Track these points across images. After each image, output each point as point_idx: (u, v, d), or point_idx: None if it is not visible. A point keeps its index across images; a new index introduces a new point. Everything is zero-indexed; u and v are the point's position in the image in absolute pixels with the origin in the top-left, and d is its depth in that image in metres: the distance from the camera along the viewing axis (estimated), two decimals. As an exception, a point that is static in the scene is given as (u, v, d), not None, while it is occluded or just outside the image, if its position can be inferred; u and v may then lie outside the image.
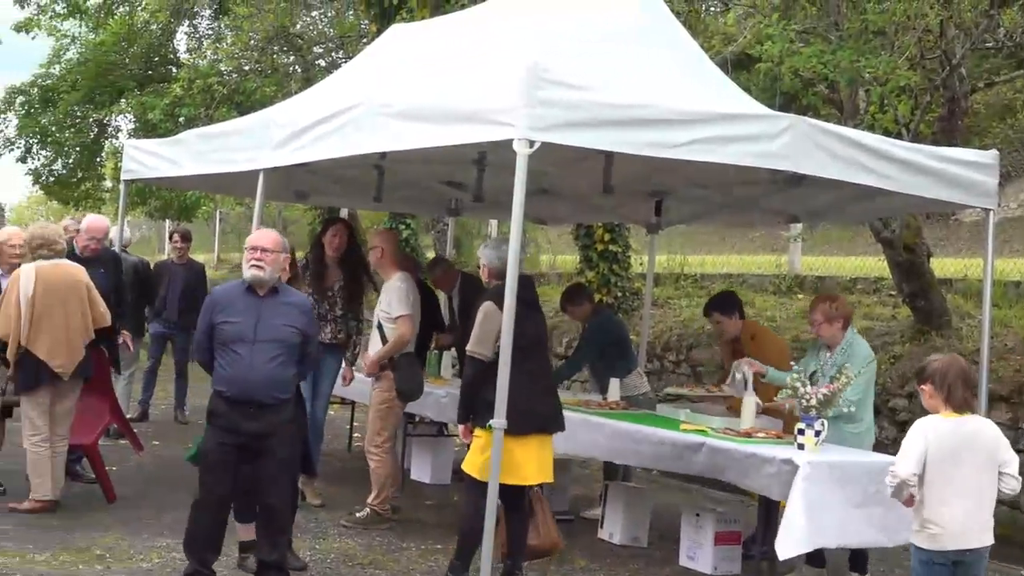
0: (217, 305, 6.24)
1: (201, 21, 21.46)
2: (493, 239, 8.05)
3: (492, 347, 6.45)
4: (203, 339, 6.28)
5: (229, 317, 6.14)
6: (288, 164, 7.84)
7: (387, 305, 8.40)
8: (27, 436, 8.06)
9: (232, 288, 6.42)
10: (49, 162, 22.17)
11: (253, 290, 6.18)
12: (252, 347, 6.06)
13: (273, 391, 6.13)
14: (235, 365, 6.07)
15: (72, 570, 6.71)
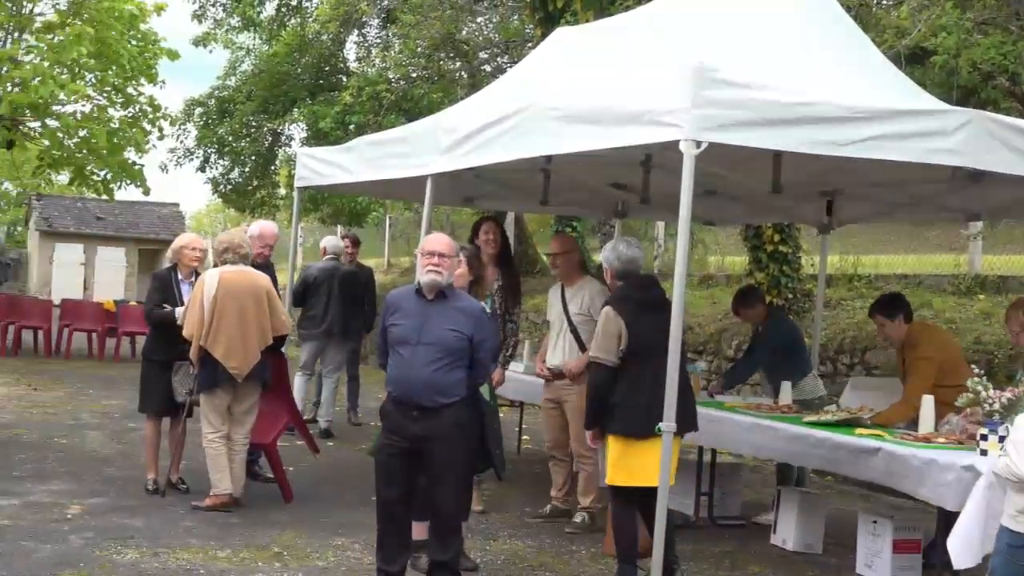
0: (390, 308, 6.30)
1: (369, 30, 21.84)
2: (611, 241, 7.83)
3: (616, 351, 6.52)
4: (380, 341, 6.39)
5: (397, 319, 6.20)
6: (455, 169, 7.90)
7: (583, 307, 8.37)
8: (205, 434, 8.31)
9: (405, 291, 6.46)
10: (226, 171, 22.84)
11: (422, 294, 6.21)
12: (414, 349, 6.09)
13: (433, 394, 6.11)
14: (399, 366, 6.14)
15: (251, 566, 6.87)
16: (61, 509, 8.07)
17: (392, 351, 6.20)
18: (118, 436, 11.28)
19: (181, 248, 8.91)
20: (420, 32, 18.43)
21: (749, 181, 8.35)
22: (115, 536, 7.38)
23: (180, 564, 6.83)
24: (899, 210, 9.45)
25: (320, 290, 12.57)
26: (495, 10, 18.66)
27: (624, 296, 6.73)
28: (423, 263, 6.15)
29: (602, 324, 6.65)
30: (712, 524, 8.89)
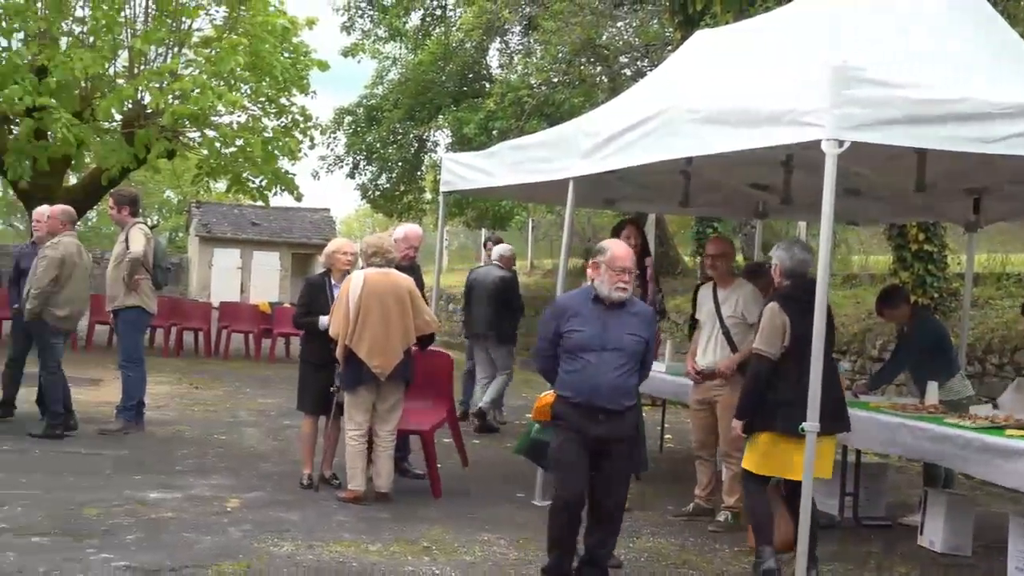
0: (565, 313, 6.25)
1: (512, 37, 21.95)
2: (786, 240, 7.79)
3: (779, 346, 6.61)
4: (547, 346, 6.33)
5: (576, 326, 6.14)
6: (597, 172, 7.89)
7: (736, 310, 8.29)
8: (348, 431, 8.47)
9: (579, 297, 6.37)
10: (374, 177, 23.16)
11: (600, 300, 6.19)
12: (600, 355, 6.09)
13: (620, 398, 6.19)
14: (584, 372, 6.10)
15: (401, 560, 6.94)
16: (221, 503, 8.27)
17: (571, 357, 6.16)
18: (274, 433, 11.52)
19: (333, 253, 9.07)
20: (561, 38, 18.45)
21: (893, 180, 8.18)
22: (272, 529, 7.55)
23: (333, 557, 6.95)
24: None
25: (472, 294, 12.79)
26: (635, 14, 18.57)
27: (790, 295, 6.75)
28: (613, 279, 6.11)
29: (767, 319, 6.70)
30: (857, 524, 8.72)
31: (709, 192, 9.96)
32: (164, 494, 8.43)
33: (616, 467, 6.27)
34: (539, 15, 19.16)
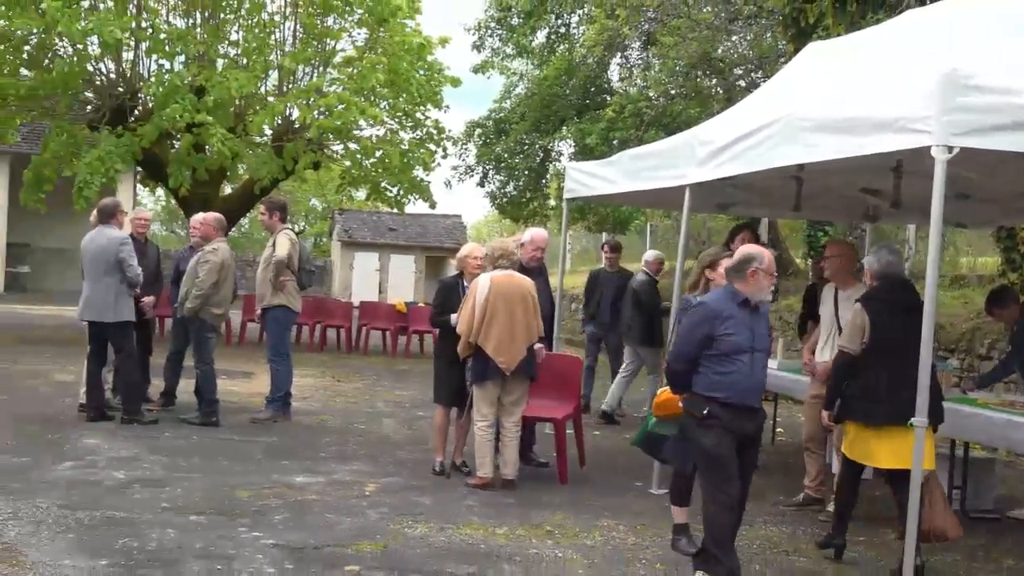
0: (717, 317, 6.05)
1: (631, 52, 21.84)
2: (877, 245, 7.72)
3: (859, 343, 6.67)
4: (694, 349, 6.08)
5: (730, 328, 6.00)
6: (712, 179, 7.81)
7: None
8: (476, 422, 8.53)
9: (724, 300, 6.18)
10: (502, 185, 23.27)
11: (747, 303, 6.09)
12: (752, 356, 6.03)
13: (761, 396, 6.32)
14: (740, 373, 6.00)
15: (526, 543, 6.95)
16: (360, 487, 8.38)
17: (725, 359, 5.99)
18: (408, 423, 11.62)
19: (465, 257, 9.14)
20: (678, 52, 18.32)
21: (1002, 183, 7.93)
22: (406, 512, 7.62)
23: (463, 539, 6.99)
24: None
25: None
26: (749, 28, 18.33)
27: (874, 296, 6.75)
28: (768, 282, 6.11)
29: (851, 318, 6.80)
30: (965, 516, 8.46)
31: (821, 197, 9.76)
32: (309, 478, 8.58)
33: (752, 461, 6.27)
34: (657, 31, 19.03)
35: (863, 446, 6.74)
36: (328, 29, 20.15)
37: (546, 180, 23.36)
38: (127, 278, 10.26)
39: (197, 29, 19.34)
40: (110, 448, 9.25)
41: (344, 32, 20.57)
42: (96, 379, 10.63)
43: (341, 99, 19.13)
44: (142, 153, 18.92)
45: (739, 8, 17.68)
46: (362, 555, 6.49)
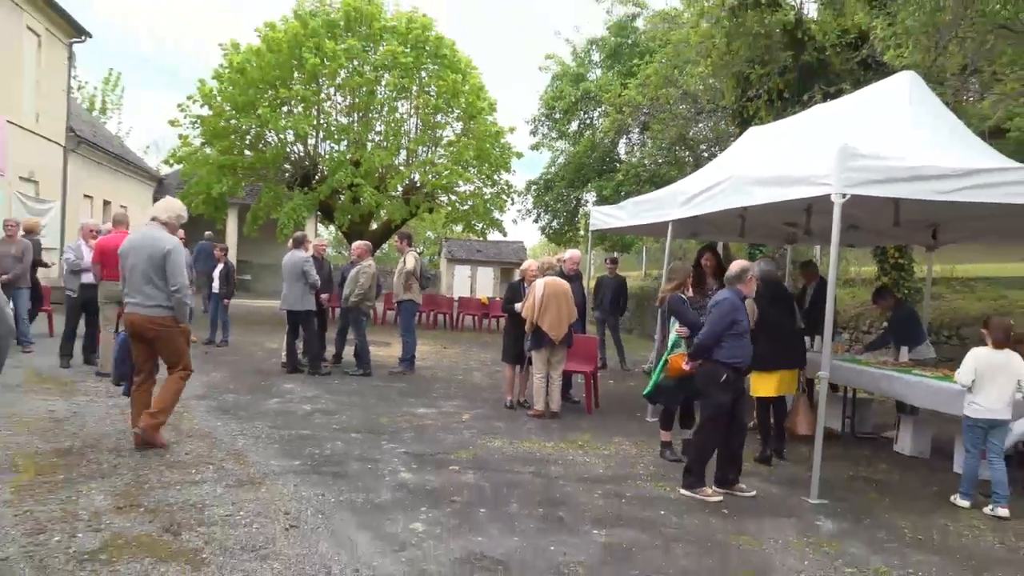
0: (734, 308, 5.87)
1: (633, 135, 21.67)
2: (760, 258, 8.20)
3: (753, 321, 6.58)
4: (723, 330, 5.83)
5: (741, 317, 5.89)
6: (687, 216, 7.74)
7: None
8: (533, 373, 8.58)
9: (736, 299, 5.96)
10: (549, 222, 23.21)
11: (744, 299, 6.03)
12: (747, 335, 5.97)
13: None
14: (744, 347, 5.89)
15: (565, 452, 6.95)
16: (459, 416, 8.42)
17: (739, 337, 5.88)
18: (490, 375, 11.64)
19: (525, 269, 9.17)
20: (663, 135, 18.14)
21: (878, 218, 7.76)
22: (488, 432, 7.64)
23: (524, 449, 6.99)
24: (990, 234, 8.47)
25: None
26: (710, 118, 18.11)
27: (760, 293, 6.74)
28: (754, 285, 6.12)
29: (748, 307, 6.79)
30: (854, 437, 8.31)
31: (758, 227, 9.66)
32: (426, 410, 8.63)
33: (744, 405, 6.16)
34: (650, 121, 18.86)
35: (762, 385, 6.97)
36: (437, 123, 20.26)
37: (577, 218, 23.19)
38: (309, 283, 10.42)
39: (355, 124, 19.54)
40: (300, 390, 9.39)
41: (447, 124, 20.67)
42: (291, 347, 10.80)
43: (446, 167, 19.26)
44: (320, 204, 19.21)
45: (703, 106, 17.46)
46: (460, 459, 6.52)
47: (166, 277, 6.08)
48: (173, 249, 6.11)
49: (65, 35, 20.73)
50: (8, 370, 9.62)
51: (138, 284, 6.12)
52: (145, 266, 6.09)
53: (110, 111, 38.21)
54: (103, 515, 4.68)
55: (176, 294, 6.10)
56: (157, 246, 6.11)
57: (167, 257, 6.08)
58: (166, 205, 6.40)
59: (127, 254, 6.22)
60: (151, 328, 6.15)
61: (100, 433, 6.66)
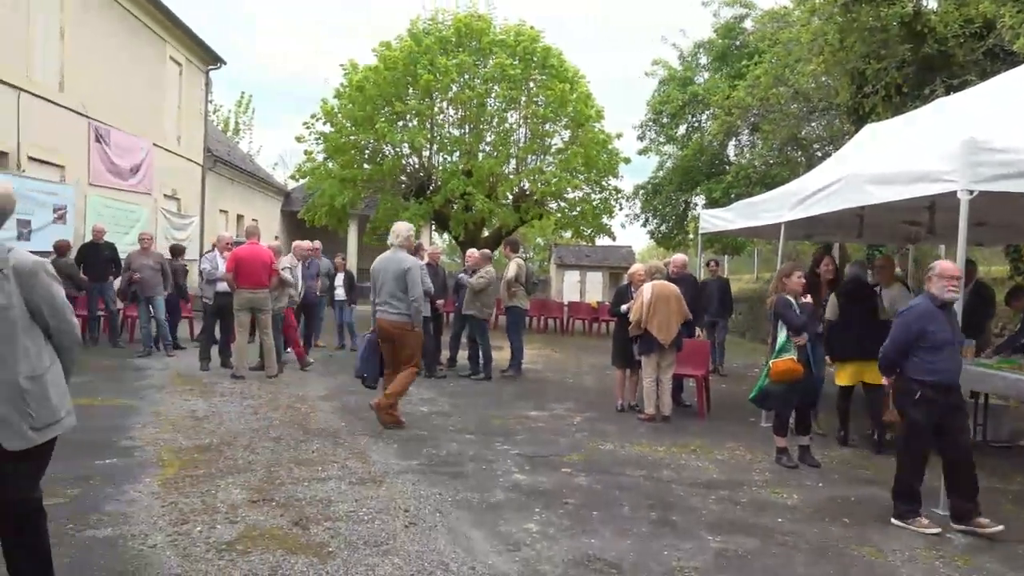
0: (923, 317, 5.14)
1: (742, 136, 21.06)
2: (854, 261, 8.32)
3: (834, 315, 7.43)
4: (904, 340, 5.19)
5: (937, 328, 5.12)
6: (800, 217, 7.46)
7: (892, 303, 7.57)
8: (644, 377, 8.42)
9: (926, 306, 5.19)
10: (658, 226, 22.85)
11: (945, 306, 5.19)
12: (952, 348, 5.17)
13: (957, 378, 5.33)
14: (944, 362, 5.10)
15: (677, 456, 6.81)
16: (570, 418, 8.39)
17: (935, 351, 5.11)
18: (600, 378, 11.55)
19: (632, 273, 9.08)
20: (774, 135, 17.55)
21: (1008, 214, 7.23)
22: (599, 435, 7.58)
23: (636, 452, 6.89)
24: None
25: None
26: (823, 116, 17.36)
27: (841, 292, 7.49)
28: (947, 284, 5.12)
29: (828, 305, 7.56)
30: (987, 445, 7.75)
31: (877, 227, 9.18)
32: (538, 412, 8.65)
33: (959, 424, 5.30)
34: (760, 122, 18.28)
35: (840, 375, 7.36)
36: (546, 131, 20.34)
37: (686, 222, 22.73)
38: (424, 288, 10.63)
39: (466, 135, 19.88)
40: (417, 392, 9.58)
41: (555, 133, 20.71)
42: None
43: (555, 175, 19.30)
44: (434, 213, 19.62)
45: (815, 104, 16.76)
46: (572, 461, 6.49)
47: (407, 290, 7.18)
48: (411, 267, 7.27)
49: (202, 63, 22.06)
50: (155, 372, 10.29)
51: (386, 296, 7.31)
52: (391, 281, 7.26)
53: (242, 131, 40.43)
54: (239, 508, 4.92)
55: (413, 303, 7.22)
56: (400, 265, 7.28)
57: (407, 274, 7.22)
58: (396, 230, 7.56)
59: (378, 272, 7.42)
60: (395, 331, 7.32)
61: (236, 431, 7.02)
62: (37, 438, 3.07)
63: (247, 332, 10.16)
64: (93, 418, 7.20)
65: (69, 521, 4.57)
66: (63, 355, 3.23)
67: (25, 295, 3.03)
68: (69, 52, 14.90)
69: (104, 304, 12.70)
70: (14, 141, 13.24)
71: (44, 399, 3.08)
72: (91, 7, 15.70)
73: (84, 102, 15.41)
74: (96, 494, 5.10)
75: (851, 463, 6.81)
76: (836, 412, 7.64)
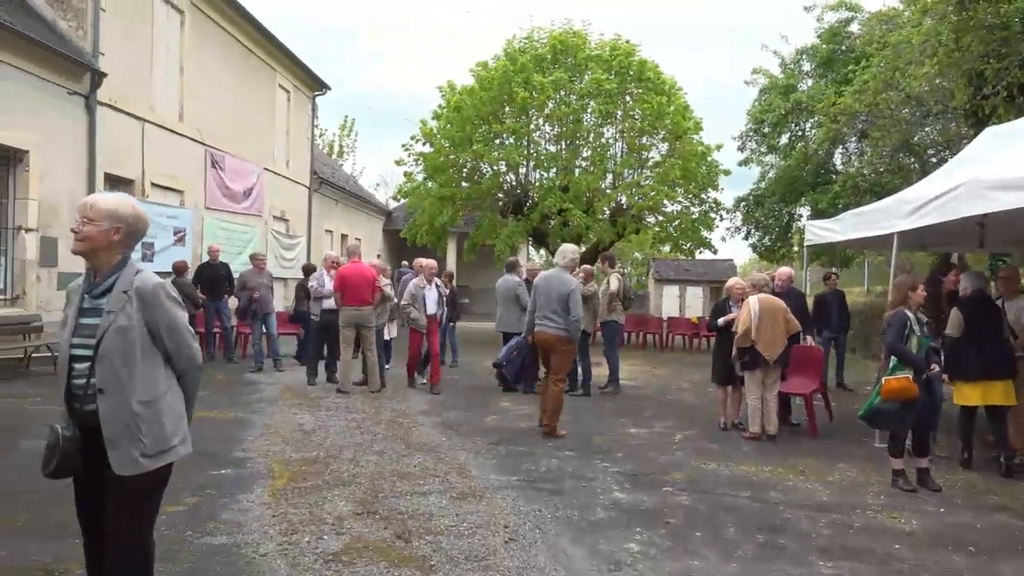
0: None
1: (850, 144, 20.28)
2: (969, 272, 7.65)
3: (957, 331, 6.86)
4: None
5: None
6: (914, 227, 7.10)
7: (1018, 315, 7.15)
8: (748, 394, 8.17)
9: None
10: (760, 238, 22.26)
11: None
12: None
13: None
14: None
15: (784, 478, 6.56)
16: (671, 436, 8.23)
17: None
18: (701, 396, 11.29)
19: (731, 287, 8.85)
20: (885, 141, 16.81)
21: None
22: (702, 453, 7.40)
23: (740, 473, 6.69)
24: None
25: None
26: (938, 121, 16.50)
27: (966, 306, 6.95)
28: None
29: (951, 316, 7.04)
30: None
31: (1001, 235, 8.65)
32: (638, 429, 8.53)
33: None
34: (869, 129, 17.55)
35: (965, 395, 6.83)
36: (643, 145, 20.19)
37: (790, 234, 22.02)
38: (522, 305, 10.69)
39: (562, 151, 19.95)
40: (516, 408, 9.62)
41: (653, 146, 20.55)
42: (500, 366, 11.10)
43: (652, 188, 19.11)
44: (532, 229, 19.74)
45: (929, 108, 15.95)
46: (674, 480, 6.36)
47: (568, 309, 7.75)
48: (574, 289, 7.85)
49: (309, 89, 23.03)
50: (266, 386, 10.73)
51: (547, 311, 7.87)
52: (553, 299, 7.82)
53: (346, 153, 41.89)
54: (344, 520, 5.06)
55: (574, 321, 7.77)
56: (564, 287, 7.83)
57: (570, 295, 7.78)
58: (562, 251, 8.23)
59: (541, 288, 7.97)
60: (553, 343, 7.89)
61: (341, 444, 7.23)
62: (147, 464, 2.99)
63: (352, 348, 10.46)
64: (210, 430, 7.56)
65: (188, 528, 4.80)
66: (183, 379, 3.17)
67: (146, 317, 3.03)
68: (187, 84, 15.85)
69: (220, 321, 13.35)
70: (139, 169, 14.16)
71: (157, 425, 3.01)
72: (207, 41, 16.66)
73: (201, 130, 16.33)
74: (213, 503, 5.34)
75: (976, 488, 6.39)
76: (957, 433, 7.20)
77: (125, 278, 3.07)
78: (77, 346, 3.02)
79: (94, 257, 3.09)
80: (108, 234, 3.07)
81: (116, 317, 2.99)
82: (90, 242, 3.06)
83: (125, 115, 13.62)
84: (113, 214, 3.08)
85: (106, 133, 12.91)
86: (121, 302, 3.02)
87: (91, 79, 12.50)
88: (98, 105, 12.69)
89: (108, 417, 2.96)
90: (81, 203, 3.12)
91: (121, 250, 3.12)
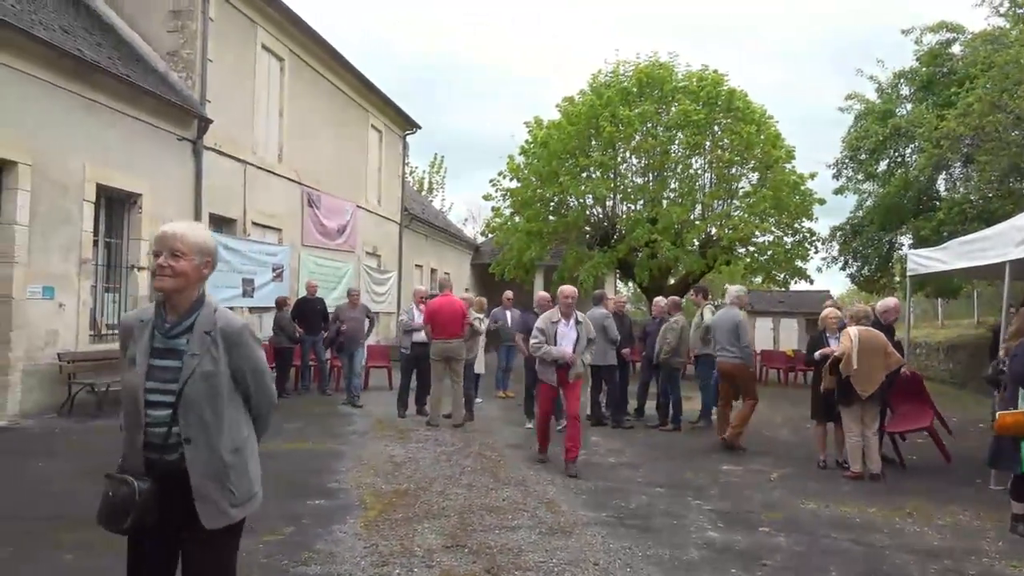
0: None
1: (954, 169, 19.42)
2: None
3: None
4: None
5: None
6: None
7: None
8: (847, 432, 7.87)
9: None
10: (859, 268, 21.48)
11: None
12: None
13: None
14: None
15: (890, 519, 6.23)
16: (766, 474, 7.97)
17: None
18: (798, 432, 10.89)
19: (824, 317, 8.66)
20: (993, 165, 16.01)
21: None
22: (800, 492, 7.11)
23: (844, 514, 6.39)
24: None
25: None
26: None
27: None
28: None
29: None
30: None
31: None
32: (732, 467, 8.30)
33: None
34: (975, 152, 16.77)
35: None
36: (732, 175, 19.88)
37: (891, 263, 21.15)
38: (610, 338, 10.60)
39: (650, 183, 19.85)
40: (605, 443, 9.52)
41: (743, 176, 20.21)
42: (595, 400, 11.03)
43: (742, 219, 18.76)
44: (619, 261, 19.64)
45: (1043, 129, 15.15)
46: (771, 520, 6.13)
47: (739, 339, 9.23)
48: (741, 322, 9.28)
49: (400, 129, 23.77)
50: (358, 418, 10.97)
51: (723, 343, 9.34)
52: (726, 333, 9.28)
53: (435, 190, 42.84)
54: (434, 552, 5.09)
55: (745, 349, 9.24)
56: (733, 320, 9.31)
57: (738, 326, 9.26)
58: (729, 291, 9.76)
59: (715, 325, 9.55)
60: (735, 371, 9.30)
61: (431, 477, 7.30)
62: (236, 515, 2.76)
63: (442, 381, 10.60)
64: (306, 461, 7.77)
65: (285, 557, 4.93)
66: (259, 422, 2.94)
67: (231, 360, 2.77)
68: (287, 127, 16.60)
69: (315, 354, 13.77)
70: (241, 209, 14.86)
71: (244, 472, 2.79)
72: (304, 86, 17.45)
73: (298, 171, 17.04)
74: (307, 533, 5.47)
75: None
76: None
77: (205, 317, 2.77)
78: (153, 390, 2.70)
79: (178, 294, 2.75)
80: (200, 269, 2.78)
81: (201, 361, 2.71)
82: (184, 279, 2.73)
83: (229, 158, 14.36)
84: (204, 247, 2.79)
85: (211, 175, 13.63)
86: (205, 344, 2.72)
87: (198, 125, 13.26)
88: (204, 149, 13.43)
89: (197, 468, 2.68)
90: (165, 234, 2.75)
91: (200, 285, 2.83)
